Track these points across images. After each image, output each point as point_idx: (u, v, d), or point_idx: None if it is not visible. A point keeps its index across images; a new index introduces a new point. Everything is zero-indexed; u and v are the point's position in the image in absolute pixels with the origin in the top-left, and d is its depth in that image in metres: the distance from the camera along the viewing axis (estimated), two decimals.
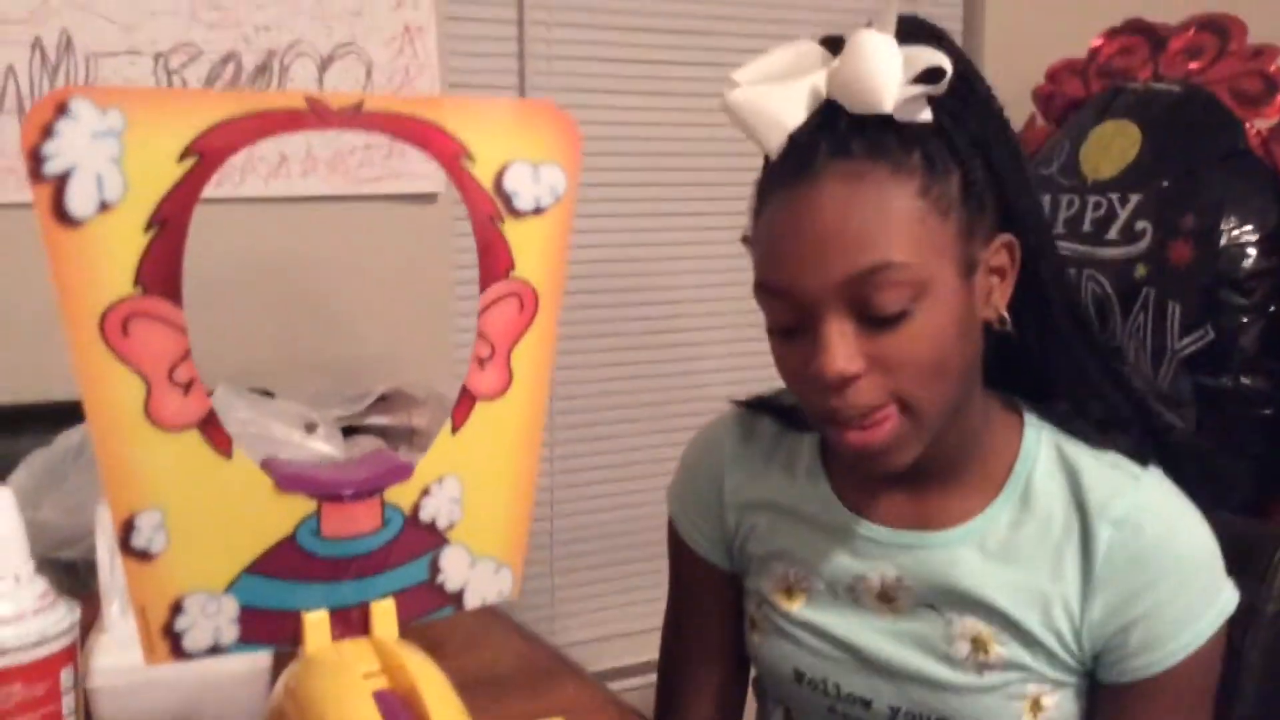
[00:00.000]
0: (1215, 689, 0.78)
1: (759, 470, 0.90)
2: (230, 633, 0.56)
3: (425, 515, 0.60)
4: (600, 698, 0.87)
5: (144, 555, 0.54)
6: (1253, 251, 1.67)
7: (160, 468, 0.53)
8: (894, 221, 0.70)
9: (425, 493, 0.59)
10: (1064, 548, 0.78)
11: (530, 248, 0.60)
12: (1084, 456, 0.79)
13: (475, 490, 0.61)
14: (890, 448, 0.74)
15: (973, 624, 0.79)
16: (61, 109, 0.49)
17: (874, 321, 0.71)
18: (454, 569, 0.61)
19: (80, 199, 0.50)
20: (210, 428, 0.54)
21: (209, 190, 0.52)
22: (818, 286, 0.71)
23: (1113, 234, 1.80)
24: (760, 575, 0.89)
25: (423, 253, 1.77)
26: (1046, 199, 1.92)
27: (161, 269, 0.52)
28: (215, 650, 0.56)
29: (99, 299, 0.51)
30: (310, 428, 1.01)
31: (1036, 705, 0.79)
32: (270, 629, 0.57)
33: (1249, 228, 1.68)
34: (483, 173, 0.58)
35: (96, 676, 0.74)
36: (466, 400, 0.60)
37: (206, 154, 0.52)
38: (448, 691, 0.52)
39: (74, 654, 0.52)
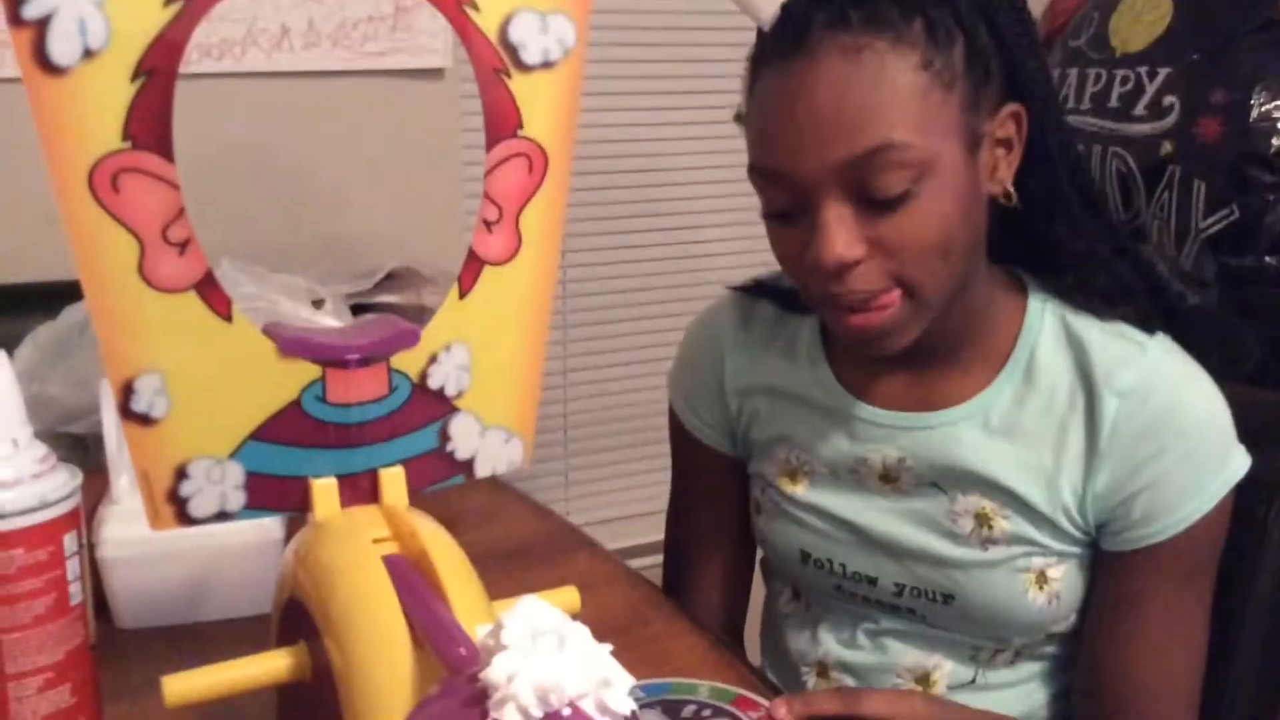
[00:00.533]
0: (1219, 555, 0.77)
1: (759, 355, 0.89)
2: (237, 499, 0.55)
3: (433, 383, 0.58)
4: (614, 569, 0.87)
5: (145, 420, 0.52)
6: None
7: (158, 330, 0.52)
8: (895, 99, 0.66)
9: (433, 360, 0.58)
10: (1069, 421, 0.76)
11: (539, 104, 0.57)
12: (1090, 328, 0.77)
13: (484, 358, 0.60)
14: (891, 330, 0.72)
15: (976, 500, 0.78)
16: None
17: (874, 204, 0.68)
18: (463, 437, 0.60)
19: (63, 45, 0.47)
20: (208, 289, 0.52)
21: (209, 65, 0.50)
22: (814, 170, 0.68)
23: (1139, 110, 1.74)
24: (763, 459, 0.88)
25: (430, 130, 1.72)
26: (1074, 73, 1.86)
27: (151, 121, 0.49)
28: (222, 516, 0.55)
29: (87, 153, 0.49)
30: (318, 303, 0.99)
31: (1042, 578, 0.78)
32: (278, 495, 0.56)
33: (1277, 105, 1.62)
34: (487, 22, 0.55)
35: (107, 547, 0.74)
36: (474, 265, 0.58)
37: None
38: (459, 557, 0.52)
39: (77, 520, 0.52)
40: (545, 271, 0.60)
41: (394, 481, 0.57)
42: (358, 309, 1.16)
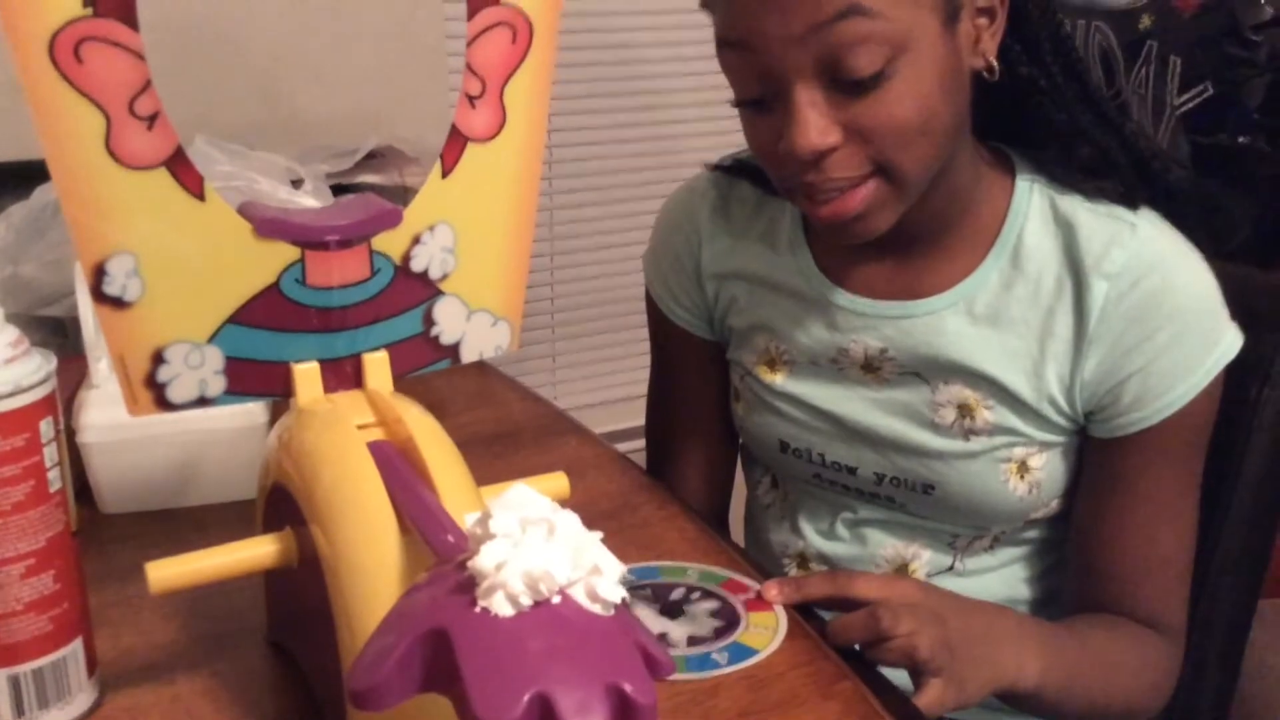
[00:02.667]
0: (1210, 434, 0.77)
1: (737, 239, 0.86)
2: (216, 384, 0.54)
3: (417, 265, 0.56)
4: (602, 453, 0.86)
5: (119, 303, 0.51)
6: (1260, 2, 1.53)
7: (128, 208, 0.50)
8: None
9: (416, 241, 0.56)
10: (1056, 307, 0.75)
11: None
12: (1079, 209, 0.75)
13: (469, 239, 0.58)
14: (867, 214, 0.70)
15: (959, 390, 0.77)
16: None
17: (848, 86, 0.65)
18: (449, 321, 0.59)
19: None
20: (179, 166, 0.50)
21: None
22: (782, 40, 0.64)
23: None
24: (742, 347, 0.87)
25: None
26: None
27: None
28: (202, 402, 0.54)
29: (47, 20, 0.46)
30: (297, 183, 0.96)
31: (1024, 467, 0.78)
32: (259, 381, 0.55)
33: None
34: None
35: (88, 432, 0.72)
36: (456, 141, 0.56)
37: None
38: (445, 443, 0.51)
39: (53, 404, 0.50)
40: (531, 147, 0.58)
41: (378, 366, 0.56)
42: (338, 189, 1.13)
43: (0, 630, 0.50)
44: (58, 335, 0.93)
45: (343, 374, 0.55)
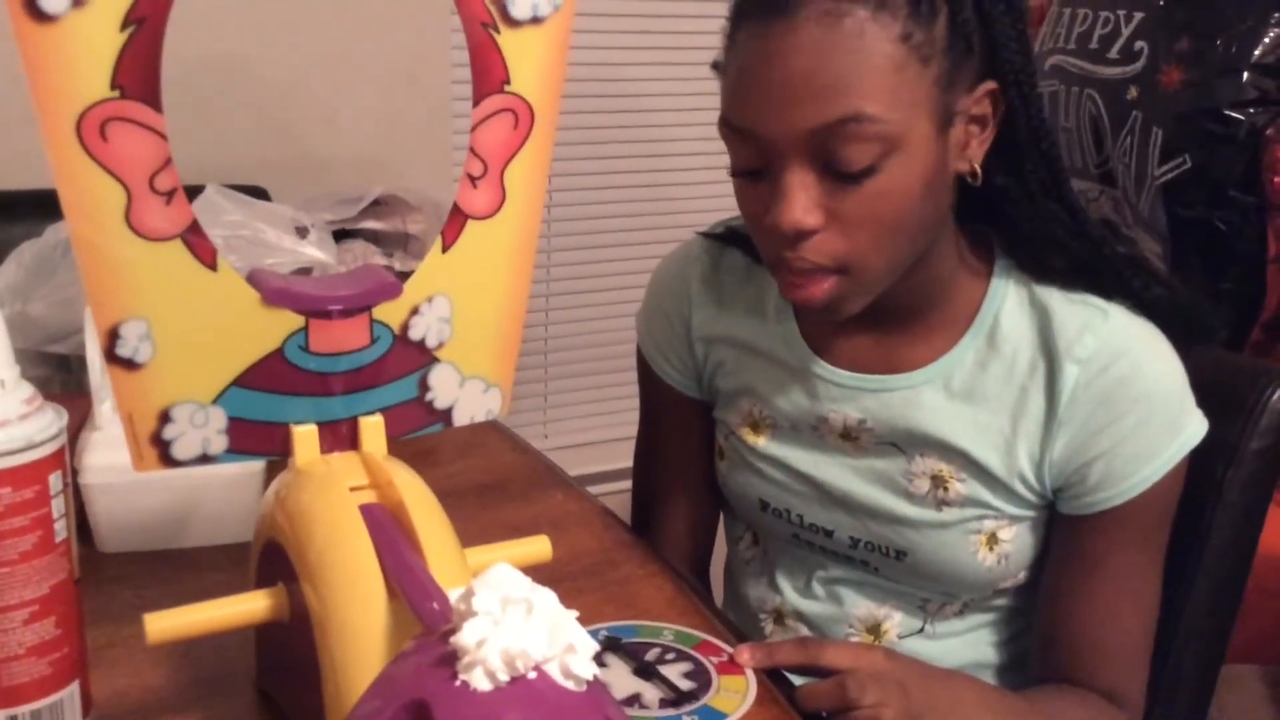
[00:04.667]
0: (1173, 516, 0.79)
1: (726, 305, 0.89)
2: (219, 443, 0.57)
3: (414, 334, 0.59)
4: (587, 508, 0.89)
5: (130, 364, 0.53)
6: (1242, 81, 1.58)
7: (144, 277, 0.52)
8: (870, 70, 0.66)
9: (414, 311, 0.59)
10: (1029, 386, 0.77)
11: (526, 60, 0.58)
12: (1053, 296, 0.78)
13: (465, 310, 0.61)
14: (831, 304, 0.73)
15: (933, 463, 0.80)
16: None
17: (838, 175, 0.68)
18: (443, 387, 0.61)
19: None
20: (194, 238, 0.53)
21: None
22: (783, 134, 0.68)
23: (1114, 53, 1.73)
24: (727, 408, 0.90)
25: (421, 49, 1.70)
26: (1067, 12, 1.85)
27: (140, 70, 0.50)
28: (204, 460, 0.57)
29: (75, 101, 0.49)
30: (302, 232, 0.99)
31: (993, 539, 0.80)
32: (259, 440, 0.57)
33: (1242, 55, 1.58)
34: None
35: (89, 474, 0.75)
36: (457, 219, 0.59)
37: None
38: (434, 507, 0.53)
39: (62, 459, 0.53)
40: (528, 226, 0.61)
41: (373, 430, 0.58)
42: (343, 234, 1.16)
43: (2, 673, 0.52)
44: (62, 371, 0.95)
45: (339, 436, 0.58)
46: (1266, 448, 0.85)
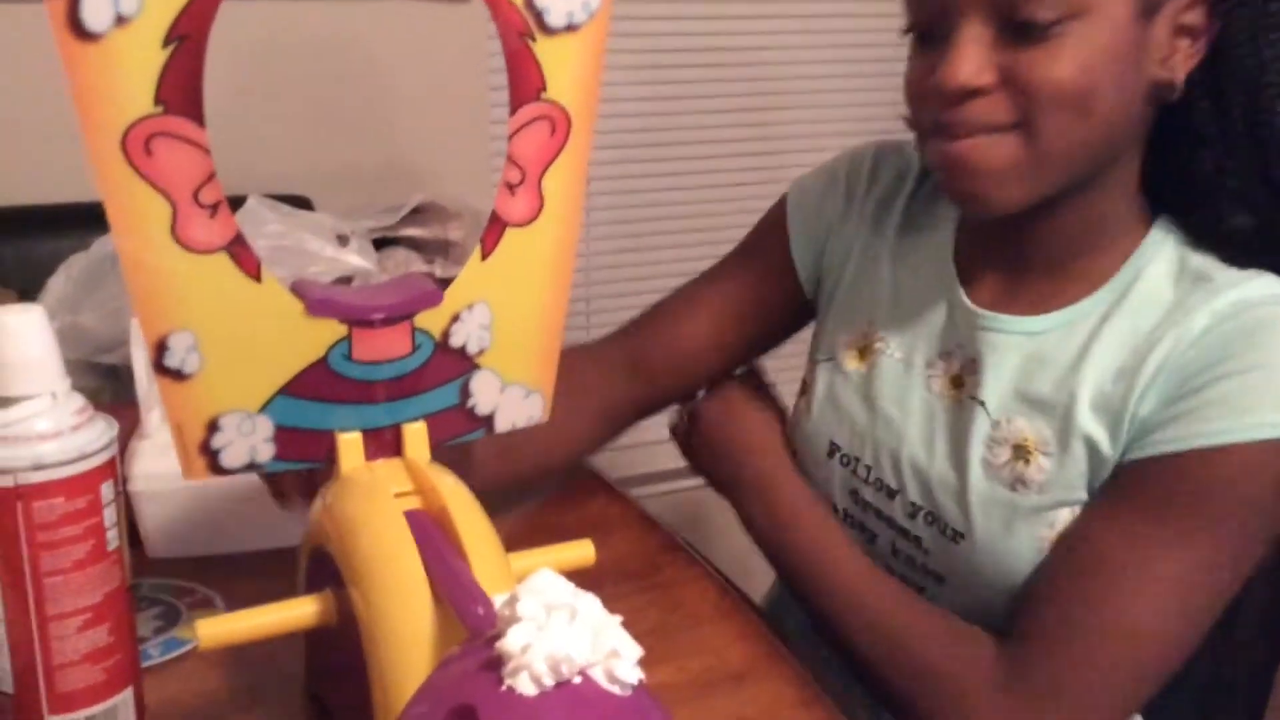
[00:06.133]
0: (1251, 523, 0.65)
1: (886, 216, 0.85)
2: (266, 451, 0.57)
3: (455, 341, 0.60)
4: (630, 512, 0.89)
5: (178, 375, 0.54)
6: None
7: (190, 290, 0.53)
8: None
9: (455, 319, 0.59)
10: (1151, 344, 0.68)
11: (562, 67, 0.58)
12: (1213, 268, 0.69)
13: (505, 317, 0.61)
14: (996, 175, 0.67)
15: (1022, 427, 0.72)
16: None
17: (1019, 30, 0.64)
18: (484, 393, 0.62)
19: (95, 11, 0.48)
20: (238, 250, 0.54)
21: None
22: None
23: None
24: (840, 324, 0.86)
25: (457, 57, 1.72)
26: None
27: (182, 86, 0.50)
28: (252, 467, 0.57)
29: (120, 117, 0.50)
30: (343, 240, 1.00)
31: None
32: (305, 448, 0.58)
33: None
34: None
35: (138, 481, 0.76)
36: (496, 226, 0.59)
37: None
38: (477, 513, 0.54)
39: (114, 468, 0.54)
40: (567, 232, 0.61)
41: (417, 436, 0.59)
42: (382, 242, 1.18)
43: (58, 679, 0.53)
44: (113, 380, 0.97)
45: (383, 443, 0.58)
46: None
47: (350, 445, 0.57)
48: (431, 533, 0.52)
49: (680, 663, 0.68)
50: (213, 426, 0.56)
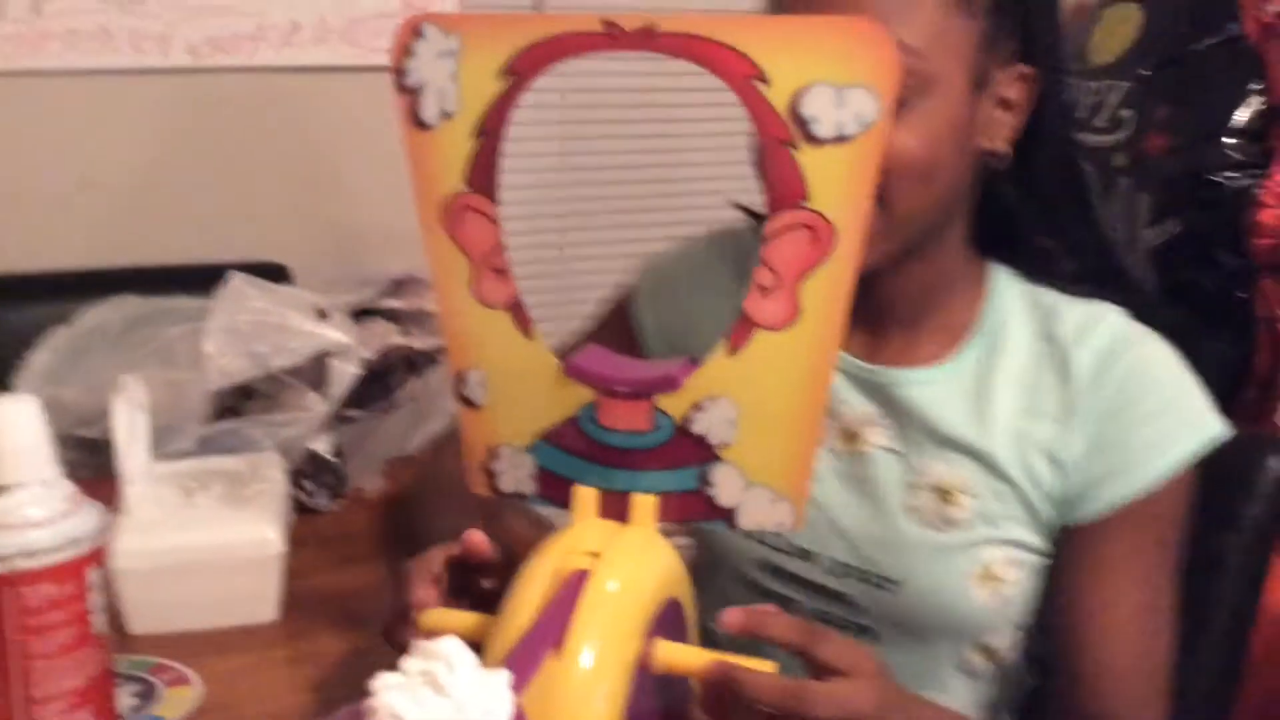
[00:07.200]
0: (1181, 538, 0.77)
1: (728, 292, 0.82)
2: (530, 486, 0.66)
3: (695, 428, 0.61)
4: None
5: (470, 404, 0.66)
6: (1225, 145, 1.65)
7: (481, 335, 0.64)
8: (920, 3, 0.69)
9: (696, 407, 0.61)
10: (1040, 384, 0.77)
11: (828, 178, 0.56)
12: (1057, 298, 0.79)
13: (753, 417, 0.61)
14: None
15: (941, 471, 0.78)
16: (417, 32, 0.60)
17: None
18: (725, 486, 0.62)
19: (429, 108, 0.61)
20: (517, 309, 0.63)
21: (220, 59, 0.59)
22: None
23: (1100, 121, 1.81)
24: None
25: None
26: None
27: (484, 170, 0.61)
28: (520, 496, 0.66)
29: (440, 191, 0.62)
30: (322, 315, 1.02)
31: (991, 575, 0.77)
32: (560, 492, 0.64)
33: (1222, 121, 1.67)
34: (777, 95, 0.56)
35: (118, 558, 0.79)
36: (745, 326, 0.59)
37: (520, 73, 0.59)
38: (618, 587, 0.55)
39: (100, 555, 0.57)
40: (826, 343, 0.59)
41: (644, 507, 0.62)
42: (365, 313, 1.18)
43: None
44: (93, 454, 0.98)
45: (616, 505, 0.63)
46: (1263, 514, 0.88)
47: (584, 498, 0.63)
48: (565, 598, 0.55)
49: None
50: (493, 453, 0.66)
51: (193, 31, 1.55)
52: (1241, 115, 1.65)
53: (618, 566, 0.57)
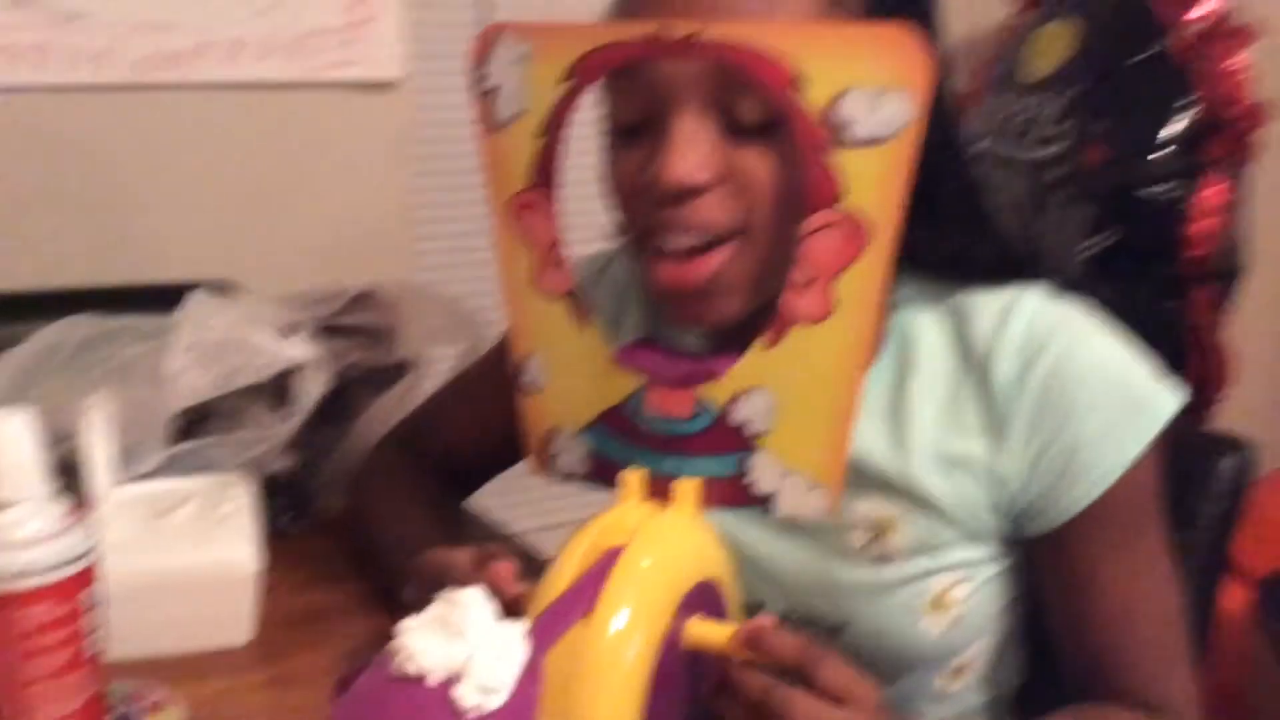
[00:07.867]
0: (1161, 508, 0.73)
1: (626, 313, 0.86)
2: (583, 467, 0.70)
3: (734, 418, 0.64)
4: None
5: (530, 388, 0.70)
6: (1158, 158, 1.70)
7: (542, 323, 0.68)
8: (789, 15, 0.63)
9: (735, 398, 0.64)
10: (960, 397, 0.72)
11: (863, 178, 0.59)
12: (966, 297, 0.73)
13: (789, 407, 0.63)
14: (715, 290, 0.66)
15: (870, 507, 0.73)
16: (494, 40, 0.65)
17: (738, 129, 0.63)
18: (763, 473, 0.65)
19: (503, 110, 0.66)
20: (573, 300, 0.67)
21: (160, 76, 0.62)
22: (680, 70, 0.62)
23: (1035, 135, 1.84)
24: None
25: (383, 144, 1.77)
26: (989, 98, 1.98)
27: (547, 168, 0.66)
28: (574, 477, 0.70)
29: (509, 188, 0.67)
30: (284, 331, 1.00)
31: (941, 602, 0.73)
32: (611, 475, 0.68)
33: (1155, 135, 1.71)
34: (814, 101, 0.59)
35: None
36: (781, 320, 0.62)
37: (580, 76, 0.64)
38: (650, 561, 0.58)
39: (93, 575, 0.55)
40: (858, 337, 0.61)
41: (686, 491, 0.65)
42: (330, 330, 1.15)
43: None
44: (60, 476, 0.94)
45: (660, 489, 0.66)
46: (1218, 513, 0.88)
47: (630, 480, 0.66)
48: (596, 574, 0.59)
49: None
50: (551, 436, 0.70)
51: (136, 49, 1.54)
52: (1175, 128, 1.74)
53: (652, 544, 0.60)
